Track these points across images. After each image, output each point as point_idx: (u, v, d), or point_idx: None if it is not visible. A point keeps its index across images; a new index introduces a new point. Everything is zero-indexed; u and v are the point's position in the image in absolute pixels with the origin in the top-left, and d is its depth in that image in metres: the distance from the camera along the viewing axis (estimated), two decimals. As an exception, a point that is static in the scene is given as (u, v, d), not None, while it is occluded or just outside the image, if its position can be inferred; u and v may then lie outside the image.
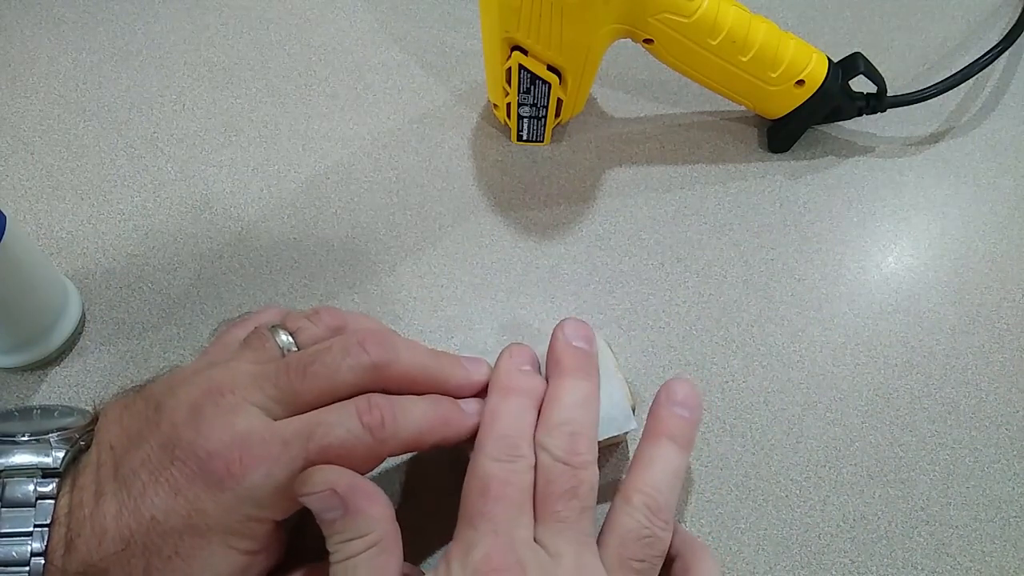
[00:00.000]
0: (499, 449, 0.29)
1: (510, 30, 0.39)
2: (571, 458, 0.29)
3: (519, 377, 0.31)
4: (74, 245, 0.42)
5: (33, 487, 0.26)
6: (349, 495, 0.26)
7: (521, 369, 0.32)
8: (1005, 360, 0.40)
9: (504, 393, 0.31)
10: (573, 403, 0.31)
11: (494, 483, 0.28)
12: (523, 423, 0.30)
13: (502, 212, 0.44)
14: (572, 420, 0.30)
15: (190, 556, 0.26)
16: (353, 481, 0.27)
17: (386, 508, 0.27)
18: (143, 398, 0.29)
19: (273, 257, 0.42)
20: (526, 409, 0.30)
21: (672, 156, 0.47)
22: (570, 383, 0.31)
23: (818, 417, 0.38)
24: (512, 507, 0.28)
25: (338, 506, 0.26)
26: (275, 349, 0.30)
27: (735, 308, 0.42)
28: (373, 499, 0.27)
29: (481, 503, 0.28)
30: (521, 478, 0.29)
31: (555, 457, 0.29)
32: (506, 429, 0.29)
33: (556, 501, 0.28)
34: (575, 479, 0.29)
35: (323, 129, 0.47)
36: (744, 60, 0.41)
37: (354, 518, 0.26)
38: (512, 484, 0.28)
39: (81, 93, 0.47)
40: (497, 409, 0.30)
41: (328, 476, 0.27)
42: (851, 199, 0.46)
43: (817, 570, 0.35)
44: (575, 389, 0.31)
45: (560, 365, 0.32)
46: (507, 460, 0.29)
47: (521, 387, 0.31)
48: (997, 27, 0.53)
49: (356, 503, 0.26)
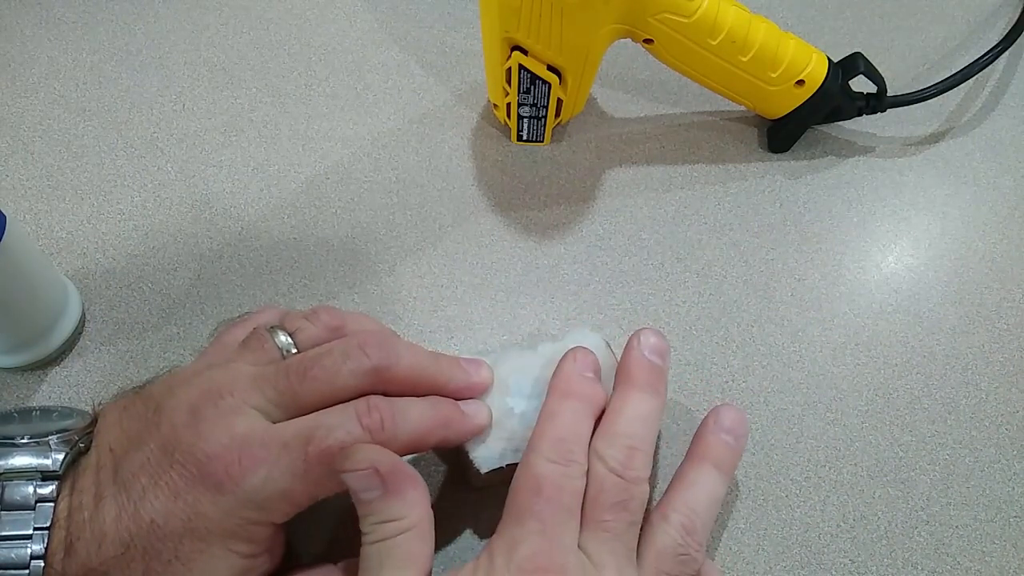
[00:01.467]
0: (554, 451, 0.29)
1: (510, 30, 0.39)
2: (626, 471, 0.29)
3: (581, 382, 0.31)
4: (74, 245, 0.42)
5: (33, 490, 0.26)
6: (390, 476, 0.26)
7: (584, 374, 0.31)
8: (1005, 360, 0.40)
9: (564, 396, 0.30)
10: (636, 417, 0.30)
11: (547, 484, 0.28)
12: (580, 428, 0.30)
13: (502, 212, 0.44)
14: (633, 434, 0.30)
15: (190, 560, 0.26)
16: (395, 462, 0.27)
17: (424, 493, 0.27)
18: (142, 399, 0.29)
19: (273, 257, 0.42)
20: (584, 415, 0.30)
21: (672, 156, 0.47)
22: (637, 396, 0.31)
23: (818, 417, 0.38)
24: (562, 510, 0.28)
25: (378, 486, 0.26)
26: (274, 350, 0.30)
27: (735, 308, 0.41)
28: (413, 482, 0.27)
29: (532, 501, 0.28)
30: (573, 483, 0.28)
31: (610, 468, 0.29)
32: (563, 432, 0.29)
33: (606, 511, 0.28)
34: (627, 492, 0.29)
35: (323, 129, 0.47)
36: (744, 60, 0.41)
37: (393, 500, 0.26)
38: (564, 488, 0.28)
39: (81, 93, 0.47)
40: (555, 411, 0.30)
41: (371, 454, 0.26)
42: (851, 199, 0.46)
43: (817, 570, 0.35)
44: (641, 403, 0.31)
45: (630, 376, 0.32)
46: (562, 463, 0.28)
47: (582, 392, 0.31)
48: (997, 27, 0.53)
49: (396, 484, 0.26)
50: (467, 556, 0.34)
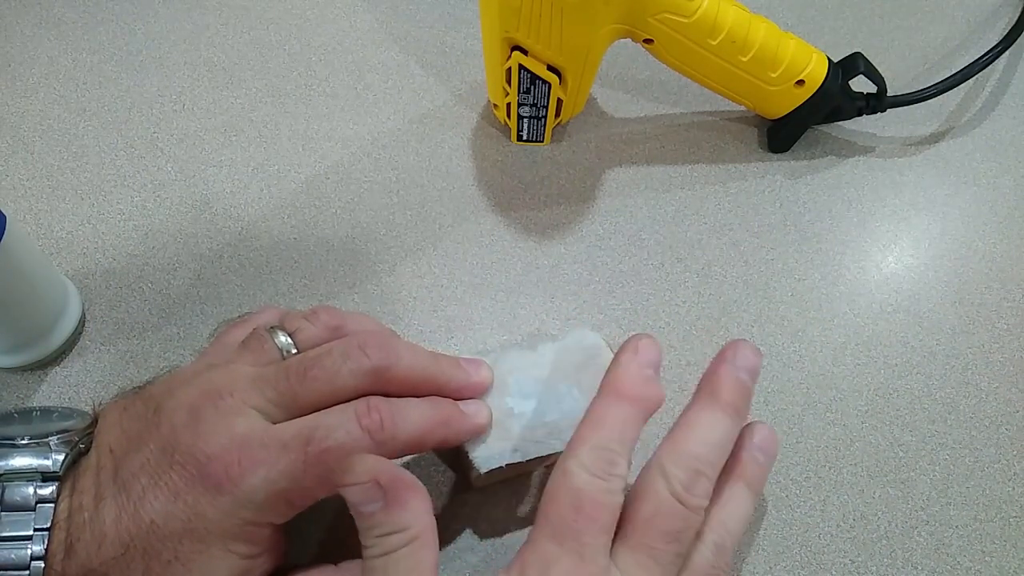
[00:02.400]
0: (597, 462, 0.27)
1: (510, 30, 0.39)
2: (688, 498, 0.27)
3: (639, 383, 0.29)
4: (74, 245, 0.42)
5: (33, 490, 0.26)
6: (392, 486, 0.25)
7: (644, 372, 0.29)
8: (1005, 360, 0.40)
9: (617, 397, 0.28)
10: (711, 440, 0.29)
11: (587, 501, 0.26)
12: (627, 435, 0.28)
13: (502, 212, 0.44)
14: (703, 457, 0.28)
15: (189, 560, 0.26)
16: (396, 471, 0.26)
17: (426, 500, 0.26)
18: (142, 400, 0.29)
19: (273, 257, 0.42)
20: (635, 421, 0.28)
21: (672, 156, 0.47)
22: (716, 417, 0.29)
23: (818, 417, 0.38)
24: (602, 532, 0.26)
25: (379, 498, 0.25)
26: (274, 350, 0.30)
27: (735, 308, 0.41)
28: (414, 491, 0.26)
29: (571, 518, 0.26)
30: (614, 500, 0.27)
31: (672, 490, 0.27)
32: (608, 440, 0.27)
33: (658, 538, 0.27)
34: (684, 522, 0.27)
35: (323, 129, 0.47)
36: (744, 60, 0.41)
37: (395, 511, 0.25)
38: (605, 506, 0.27)
39: (81, 93, 0.47)
40: (604, 414, 0.28)
41: (371, 465, 0.25)
42: (851, 199, 0.46)
43: (817, 570, 0.35)
44: (719, 425, 0.29)
45: (715, 391, 0.30)
46: (603, 477, 0.27)
47: (638, 395, 0.28)
48: (997, 27, 0.53)
49: (398, 494, 0.25)
50: (467, 556, 0.34)
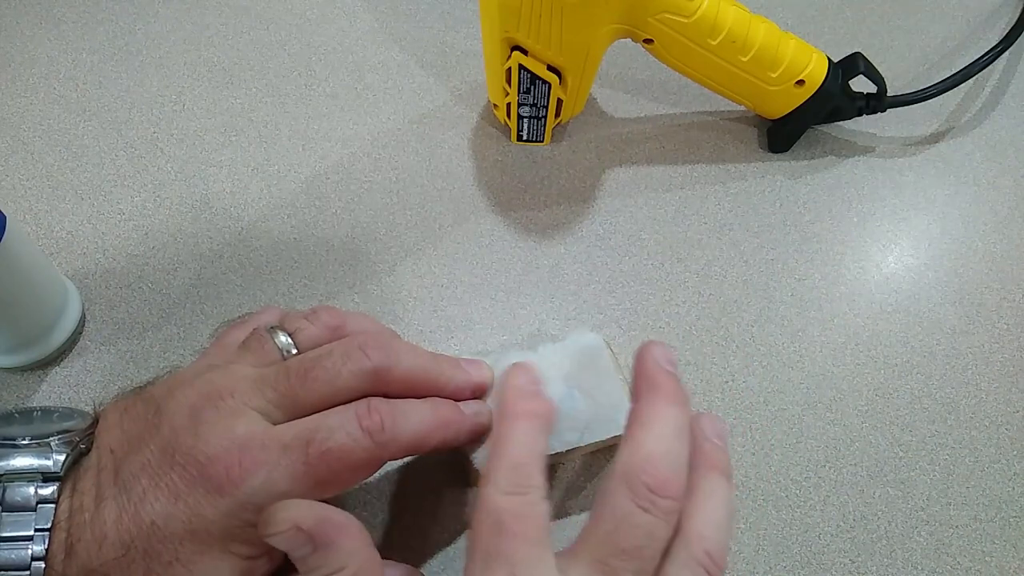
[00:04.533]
0: (510, 481, 0.27)
1: (510, 30, 0.39)
2: (655, 503, 0.26)
3: (525, 399, 0.29)
4: (74, 245, 0.42)
5: (34, 491, 0.26)
6: (316, 530, 0.25)
7: (526, 390, 0.29)
8: (1005, 360, 0.40)
9: (511, 419, 0.28)
10: (669, 432, 0.28)
11: (508, 519, 0.26)
12: (534, 448, 0.28)
13: (502, 212, 0.44)
14: (666, 455, 0.27)
15: (190, 561, 0.26)
16: (320, 514, 0.25)
17: (359, 537, 0.26)
18: (143, 401, 0.29)
19: (273, 257, 0.42)
20: (536, 432, 0.28)
21: (672, 156, 0.47)
22: (667, 408, 0.28)
23: (818, 417, 0.38)
24: (532, 545, 0.26)
25: (306, 543, 0.25)
26: (274, 351, 0.30)
27: (735, 308, 0.42)
28: (344, 531, 0.25)
29: (496, 542, 0.25)
30: (536, 510, 0.26)
31: (635, 500, 0.26)
32: (516, 458, 0.27)
33: (616, 553, 0.25)
34: (649, 535, 0.26)
35: (323, 129, 0.47)
36: (744, 60, 0.41)
37: (325, 554, 0.25)
38: (528, 518, 0.26)
39: (81, 93, 0.47)
40: (505, 437, 0.28)
41: (291, 513, 0.25)
42: (851, 199, 0.46)
43: (817, 570, 0.35)
44: (672, 415, 0.28)
45: (653, 385, 0.29)
46: (519, 492, 0.26)
47: (529, 410, 0.29)
48: (997, 27, 0.53)
49: (325, 538, 0.25)
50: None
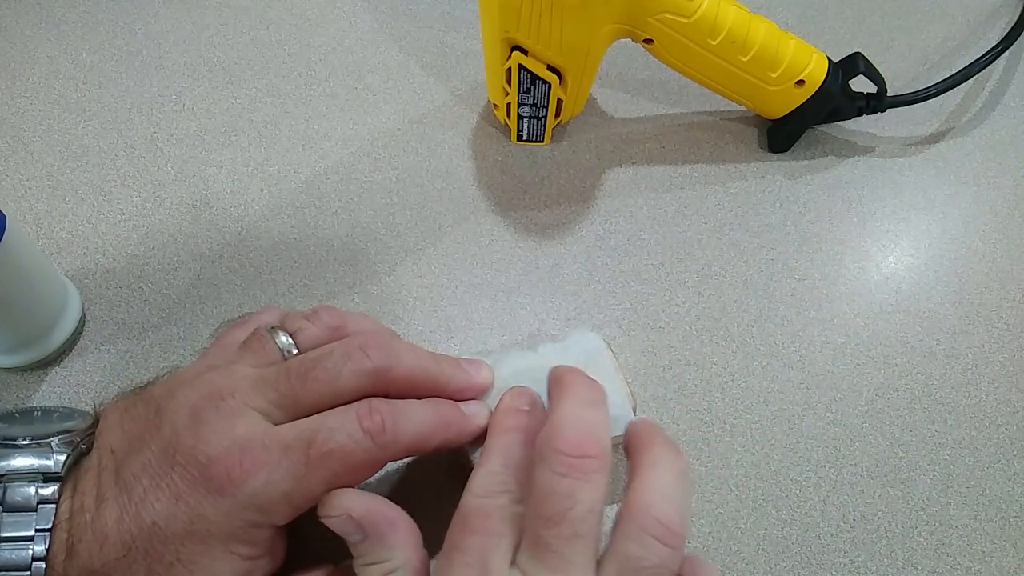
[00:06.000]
0: (481, 485, 0.28)
1: (510, 30, 0.39)
2: (566, 467, 0.26)
3: (513, 416, 0.30)
4: (74, 245, 0.42)
5: (34, 491, 0.26)
6: (366, 521, 0.27)
7: (519, 409, 0.30)
8: (1005, 360, 0.40)
9: (498, 433, 0.30)
10: (589, 419, 0.28)
11: (472, 515, 0.27)
12: (509, 457, 0.28)
13: (502, 212, 0.44)
14: (584, 433, 0.27)
15: (191, 562, 0.26)
16: (370, 506, 0.27)
17: (409, 535, 0.27)
18: (143, 401, 0.29)
19: (273, 257, 0.42)
20: (513, 443, 0.29)
21: (672, 156, 0.47)
22: (574, 391, 0.29)
23: (818, 417, 0.38)
24: (488, 536, 0.26)
25: (357, 530, 0.27)
26: (275, 351, 0.30)
27: (735, 308, 0.42)
28: (394, 526, 0.27)
29: (459, 538, 0.27)
30: (500, 506, 0.27)
31: (551, 468, 0.26)
32: (491, 467, 0.28)
33: (541, 526, 0.26)
34: (568, 497, 0.25)
35: (323, 129, 0.47)
36: (744, 60, 0.41)
37: (372, 544, 0.27)
38: (491, 515, 0.27)
39: (81, 93, 0.47)
40: (486, 449, 0.29)
41: (344, 501, 0.27)
42: (851, 199, 0.46)
43: (817, 570, 0.35)
44: (588, 408, 0.28)
45: (563, 385, 0.29)
46: (488, 495, 0.27)
47: (510, 425, 0.30)
48: (997, 27, 0.53)
49: (374, 529, 0.27)
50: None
